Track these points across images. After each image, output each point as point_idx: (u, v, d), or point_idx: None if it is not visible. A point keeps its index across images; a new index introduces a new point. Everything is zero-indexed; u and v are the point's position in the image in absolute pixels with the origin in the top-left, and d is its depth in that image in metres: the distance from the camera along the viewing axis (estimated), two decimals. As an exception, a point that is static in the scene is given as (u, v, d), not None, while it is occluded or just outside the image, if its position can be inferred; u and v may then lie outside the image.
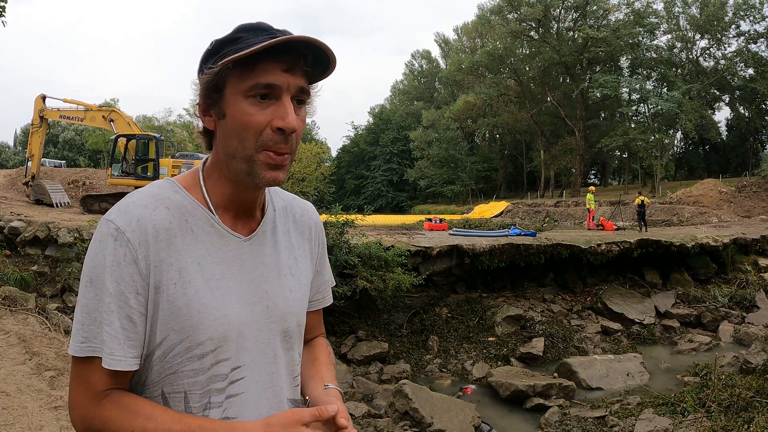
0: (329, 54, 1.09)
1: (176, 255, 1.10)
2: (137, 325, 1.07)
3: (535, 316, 12.94)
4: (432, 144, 57.50)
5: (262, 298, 1.19)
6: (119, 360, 1.05)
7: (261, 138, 1.07)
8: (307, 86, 1.11)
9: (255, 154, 1.08)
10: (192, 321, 1.09)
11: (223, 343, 1.12)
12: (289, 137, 1.08)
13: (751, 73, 40.67)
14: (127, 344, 1.06)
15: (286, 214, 1.31)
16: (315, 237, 1.38)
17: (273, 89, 1.06)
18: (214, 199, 1.17)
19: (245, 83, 1.07)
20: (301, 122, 1.12)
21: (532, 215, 35.22)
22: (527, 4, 45.71)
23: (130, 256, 1.06)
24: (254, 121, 1.07)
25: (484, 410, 9.12)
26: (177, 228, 1.11)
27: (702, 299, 14.63)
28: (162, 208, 1.11)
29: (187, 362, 1.10)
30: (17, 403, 4.62)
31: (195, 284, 1.10)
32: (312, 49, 1.08)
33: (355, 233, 11.95)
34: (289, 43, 1.04)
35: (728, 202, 29.43)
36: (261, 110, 1.07)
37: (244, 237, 1.19)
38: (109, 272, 1.05)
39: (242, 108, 1.07)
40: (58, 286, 10.55)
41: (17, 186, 23.09)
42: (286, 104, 1.07)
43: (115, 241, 1.06)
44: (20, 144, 66.87)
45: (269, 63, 1.05)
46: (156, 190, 1.15)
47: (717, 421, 7.31)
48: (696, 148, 57.28)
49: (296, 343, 1.28)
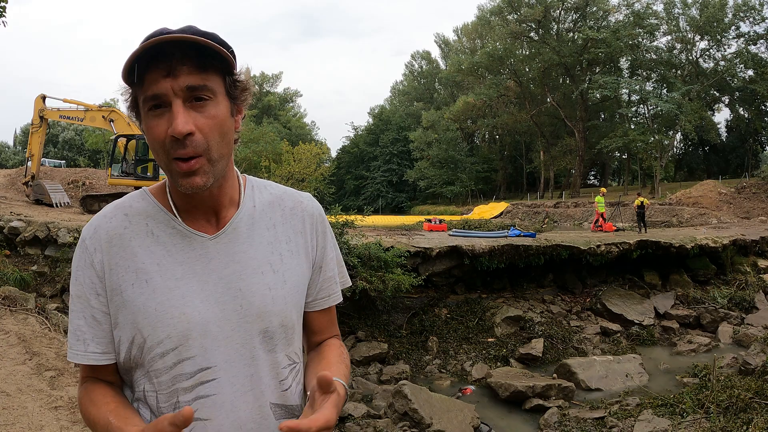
0: (207, 44, 1.05)
1: (132, 258, 1.15)
2: (102, 323, 1.17)
3: (534, 317, 12.94)
4: (432, 145, 57.50)
5: (234, 296, 1.17)
6: (76, 353, 1.17)
7: (165, 148, 1.07)
8: (201, 82, 1.07)
9: (169, 164, 1.09)
10: (150, 320, 1.12)
11: (183, 341, 1.12)
12: (186, 141, 1.05)
13: (750, 75, 40.67)
14: (92, 341, 1.16)
15: (272, 208, 1.29)
16: (310, 230, 1.32)
17: (160, 98, 1.06)
18: (178, 203, 1.20)
19: (141, 98, 1.09)
20: (207, 119, 1.08)
21: (531, 216, 35.23)
22: (527, 5, 45.76)
23: (88, 260, 1.16)
24: (155, 134, 1.08)
25: (483, 411, 9.12)
26: (133, 232, 1.17)
27: (701, 300, 14.64)
28: (120, 215, 1.19)
29: (152, 362, 1.13)
30: (17, 403, 4.62)
31: (153, 284, 1.13)
32: (195, 45, 1.05)
33: (355, 234, 11.95)
34: (162, 47, 1.03)
35: (728, 204, 29.44)
36: (158, 121, 1.07)
37: (210, 236, 1.19)
38: (74, 277, 1.18)
39: (147, 123, 1.10)
40: (58, 286, 10.54)
41: (17, 186, 23.08)
42: (175, 110, 1.05)
43: (80, 249, 1.19)
44: (20, 144, 66.86)
45: (152, 72, 1.05)
46: (122, 200, 1.24)
47: (716, 422, 7.31)
48: (695, 150, 57.28)
49: (280, 344, 1.23)
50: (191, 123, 1.05)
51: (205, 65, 1.07)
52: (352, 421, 8.17)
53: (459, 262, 13.19)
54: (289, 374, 1.25)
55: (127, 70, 1.05)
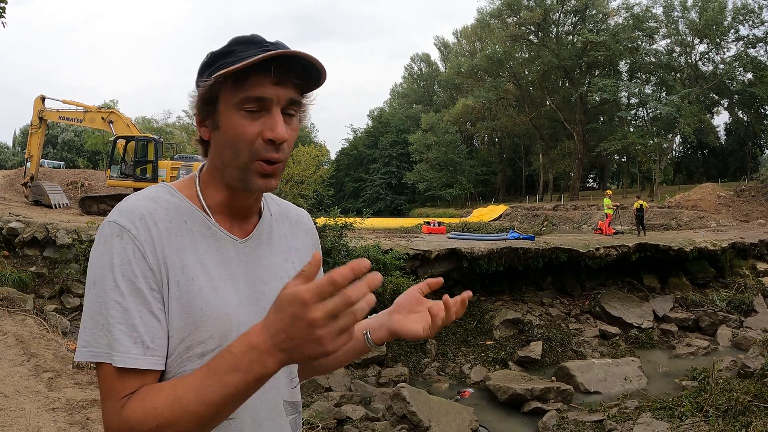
0: (319, 67, 1.12)
1: (178, 253, 1.11)
2: (160, 321, 1.05)
3: (533, 319, 12.94)
4: (431, 147, 57.49)
5: (259, 299, 1.20)
6: (135, 357, 1.00)
7: (253, 148, 1.11)
8: (298, 98, 1.14)
9: (248, 163, 1.12)
10: (195, 318, 1.09)
11: (223, 342, 1.11)
12: (279, 147, 1.11)
13: (749, 78, 40.78)
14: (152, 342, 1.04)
15: (281, 219, 1.34)
16: (312, 243, 1.41)
17: (263, 102, 1.09)
18: (210, 203, 1.20)
19: (237, 96, 1.10)
20: (292, 132, 1.14)
21: (530, 219, 35.26)
22: (527, 8, 45.87)
23: (139, 252, 1.05)
24: (246, 133, 1.10)
25: (481, 414, 9.11)
26: (176, 227, 1.12)
27: (700, 303, 14.65)
28: (162, 208, 1.13)
29: (188, 362, 1.10)
30: (15, 405, 4.61)
31: (198, 282, 1.11)
32: (302, 62, 1.10)
33: (354, 236, 11.96)
34: (279, 57, 1.07)
35: (727, 207, 29.48)
36: (252, 122, 1.10)
37: (241, 239, 1.21)
38: (119, 271, 1.03)
39: (235, 120, 1.11)
40: (57, 288, 10.54)
41: (16, 187, 23.07)
42: (276, 116, 1.10)
43: (122, 240, 1.05)
44: (19, 145, 66.82)
45: (260, 77, 1.08)
46: (154, 193, 1.16)
47: (715, 425, 7.31)
48: (695, 153, 57.36)
49: None
50: (288, 131, 1.12)
51: (305, 85, 1.15)
52: (351, 423, 8.16)
53: (458, 264, 13.19)
54: (294, 372, 1.31)
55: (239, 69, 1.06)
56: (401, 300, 1.31)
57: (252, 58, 1.06)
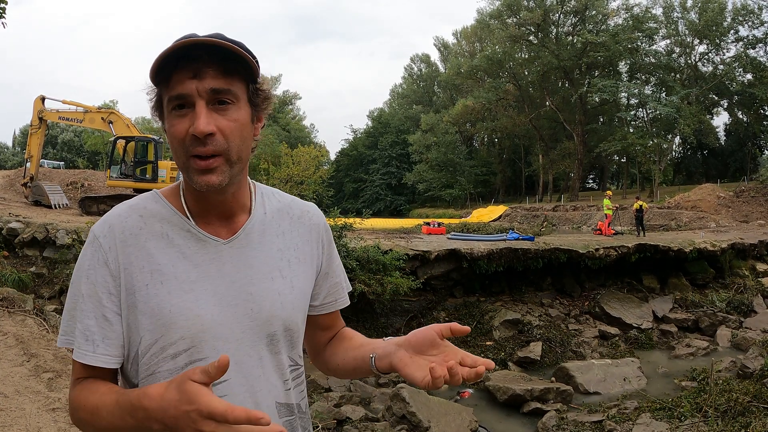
0: (233, 50, 1.09)
1: (147, 258, 1.15)
2: (113, 323, 1.14)
3: (532, 320, 12.94)
4: (431, 148, 57.50)
5: (245, 300, 1.20)
6: (84, 354, 1.12)
7: (185, 146, 1.10)
8: (223, 86, 1.10)
9: (186, 162, 1.12)
10: (164, 320, 1.13)
11: (196, 342, 1.14)
12: (207, 140, 1.08)
13: (749, 78, 40.80)
14: (102, 342, 1.14)
15: (281, 215, 1.32)
16: (316, 239, 1.37)
17: (184, 98, 1.09)
18: (192, 206, 1.22)
19: (166, 98, 1.12)
20: (228, 122, 1.11)
21: (530, 219, 35.27)
22: (526, 8, 45.90)
23: (102, 259, 1.15)
24: (176, 132, 1.11)
25: (481, 414, 9.11)
26: (148, 233, 1.17)
27: (700, 304, 14.65)
28: (135, 216, 1.19)
29: (162, 362, 1.14)
30: (15, 405, 4.62)
31: (168, 285, 1.15)
32: (219, 50, 1.08)
33: (354, 237, 11.96)
34: (190, 50, 1.07)
35: (726, 207, 29.50)
36: (181, 120, 1.10)
37: (224, 240, 1.21)
38: (85, 275, 1.15)
39: (169, 122, 1.13)
40: (56, 288, 10.54)
41: (16, 187, 23.08)
42: (198, 110, 1.08)
43: (92, 247, 1.16)
44: (19, 145, 66.79)
45: (178, 74, 1.09)
46: (135, 201, 1.24)
47: (714, 426, 7.32)
48: (694, 153, 57.37)
49: (284, 348, 1.27)
50: (213, 124, 1.09)
51: (230, 70, 1.11)
52: (350, 424, 8.16)
53: (457, 265, 13.19)
54: (290, 375, 1.29)
55: (155, 69, 1.09)
56: (415, 338, 1.23)
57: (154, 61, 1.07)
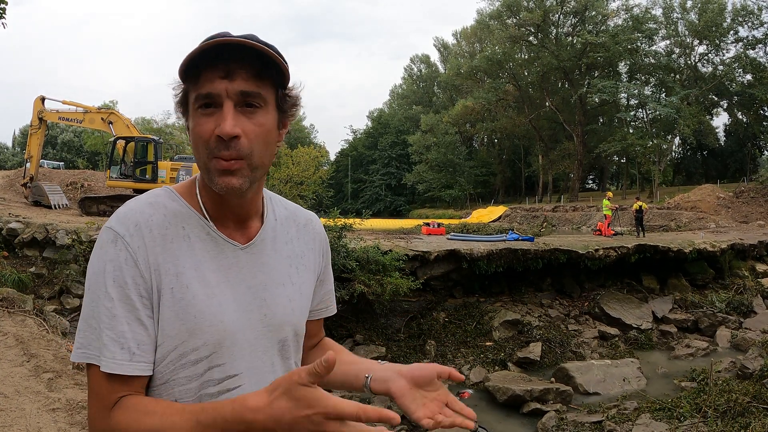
0: (268, 53, 1.07)
1: (173, 260, 1.11)
2: (148, 328, 1.07)
3: (532, 320, 12.95)
4: (430, 148, 57.53)
5: (260, 306, 1.19)
6: (120, 363, 1.03)
7: (208, 146, 1.08)
8: (253, 89, 1.08)
9: (208, 162, 1.09)
10: (188, 326, 1.09)
11: (217, 349, 1.12)
12: (231, 143, 1.06)
13: (749, 79, 40.84)
14: (138, 349, 1.06)
15: (288, 223, 1.32)
16: (318, 248, 1.37)
17: (212, 98, 1.07)
18: (209, 208, 1.18)
19: (193, 95, 1.09)
20: (254, 126, 1.09)
21: (530, 220, 35.27)
22: (526, 9, 45.90)
23: (131, 259, 1.07)
24: (201, 131, 1.08)
25: (481, 414, 9.11)
26: (173, 234, 1.12)
27: (699, 305, 14.65)
28: (159, 214, 1.13)
29: (180, 369, 1.10)
30: (15, 405, 4.62)
31: (192, 289, 1.10)
32: (254, 52, 1.06)
33: (353, 237, 11.95)
34: (223, 49, 1.05)
35: (726, 208, 29.49)
36: (207, 119, 1.08)
37: (241, 245, 1.19)
38: (111, 277, 1.06)
39: (194, 120, 1.10)
40: (56, 288, 10.54)
41: (15, 187, 23.07)
42: (225, 111, 1.06)
43: (116, 247, 1.07)
44: (19, 145, 66.79)
45: (209, 72, 1.06)
46: (153, 198, 1.17)
47: (714, 426, 7.32)
48: (694, 154, 57.39)
49: (293, 353, 1.27)
50: (239, 127, 1.06)
51: (261, 74, 1.08)
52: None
53: (457, 265, 13.19)
54: None
55: (185, 65, 1.06)
56: (419, 373, 1.22)
57: (186, 56, 1.05)
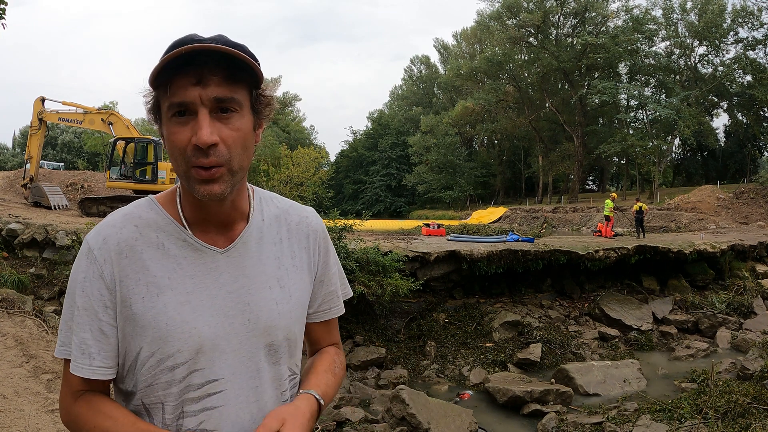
0: (239, 57, 1.04)
1: (143, 270, 1.13)
2: (109, 336, 1.13)
3: (532, 321, 12.94)
4: (430, 149, 57.50)
5: (242, 310, 1.18)
6: (81, 367, 1.12)
7: (186, 155, 1.06)
8: (227, 94, 1.06)
9: (186, 171, 1.08)
10: (161, 334, 1.11)
11: (194, 355, 1.13)
12: (209, 151, 1.04)
13: (749, 80, 40.78)
14: (98, 355, 1.13)
15: (278, 222, 1.29)
16: (313, 246, 1.34)
17: (186, 106, 1.05)
18: (188, 215, 1.18)
19: (166, 104, 1.07)
20: (231, 131, 1.07)
21: (530, 221, 35.24)
22: (526, 10, 45.86)
23: (97, 272, 1.12)
24: (177, 140, 1.06)
25: (481, 416, 9.11)
26: (144, 244, 1.14)
27: (699, 306, 14.64)
28: (130, 226, 1.15)
29: (160, 374, 1.13)
30: (14, 406, 4.61)
31: (164, 298, 1.12)
32: (226, 56, 1.04)
33: (353, 238, 11.95)
34: (193, 54, 1.02)
35: (726, 209, 29.48)
36: (182, 128, 1.06)
37: (221, 249, 1.19)
38: (80, 288, 1.13)
39: (169, 128, 1.08)
40: (56, 289, 10.53)
41: (15, 188, 23.06)
42: (201, 119, 1.04)
43: (87, 259, 1.14)
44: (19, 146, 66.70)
45: (180, 79, 1.04)
46: (130, 209, 1.20)
47: (714, 427, 7.31)
48: (694, 155, 57.33)
49: (284, 357, 1.25)
50: (216, 134, 1.05)
51: (234, 77, 1.07)
52: (350, 425, 8.15)
53: (457, 266, 13.19)
54: (287, 385, 1.27)
55: (156, 74, 1.04)
56: None
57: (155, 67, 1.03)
